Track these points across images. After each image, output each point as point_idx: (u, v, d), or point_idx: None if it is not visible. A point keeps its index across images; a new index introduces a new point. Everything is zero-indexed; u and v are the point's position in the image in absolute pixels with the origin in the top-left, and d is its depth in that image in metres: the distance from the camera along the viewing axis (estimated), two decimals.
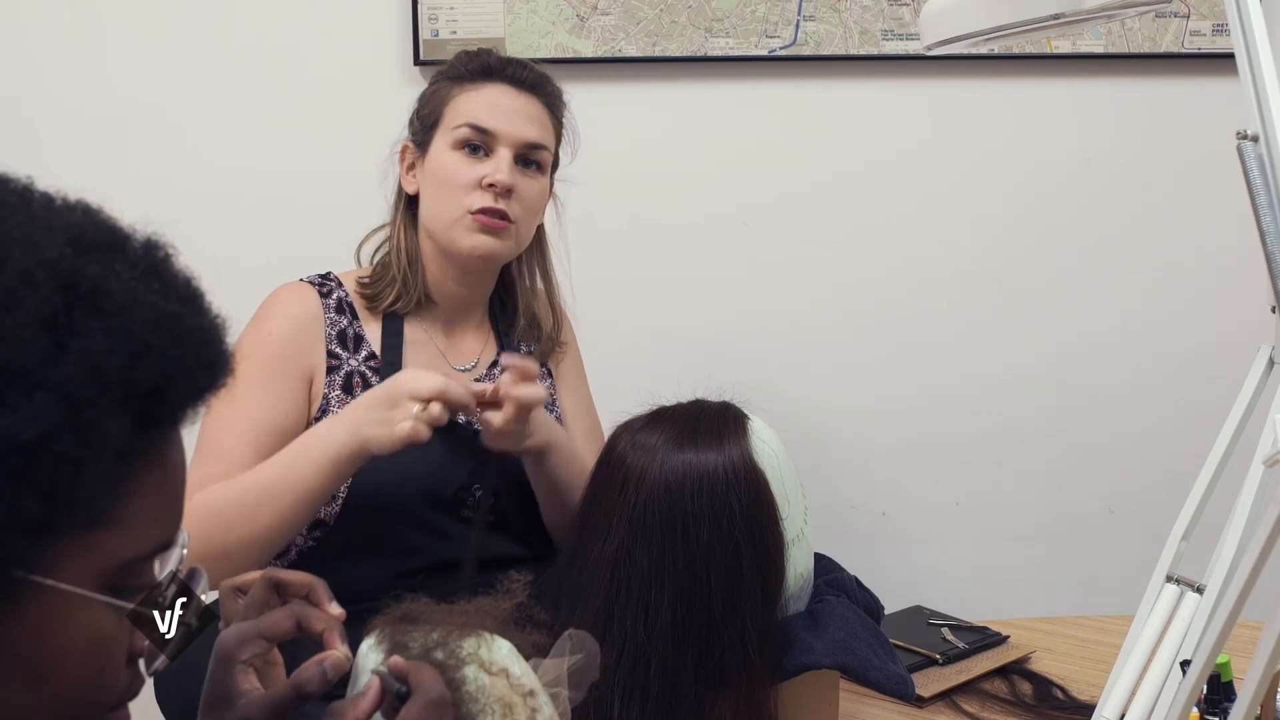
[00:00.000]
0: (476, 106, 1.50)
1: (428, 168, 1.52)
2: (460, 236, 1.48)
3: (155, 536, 0.70)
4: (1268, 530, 0.84)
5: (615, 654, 1.24)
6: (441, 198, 1.49)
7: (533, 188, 1.51)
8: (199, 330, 0.69)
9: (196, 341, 0.68)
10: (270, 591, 0.95)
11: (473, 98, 1.51)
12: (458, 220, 1.47)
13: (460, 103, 1.51)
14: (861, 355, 2.18)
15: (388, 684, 0.86)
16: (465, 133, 1.49)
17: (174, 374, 0.66)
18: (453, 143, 1.49)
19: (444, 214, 1.49)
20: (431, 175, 1.51)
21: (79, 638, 0.67)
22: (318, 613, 0.92)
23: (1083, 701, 1.59)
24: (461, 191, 1.47)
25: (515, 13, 2.04)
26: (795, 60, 2.08)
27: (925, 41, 1.18)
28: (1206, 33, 2.10)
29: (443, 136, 1.50)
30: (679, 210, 2.13)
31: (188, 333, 0.68)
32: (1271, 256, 0.88)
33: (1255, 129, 0.92)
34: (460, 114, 1.50)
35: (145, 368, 0.65)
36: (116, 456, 0.64)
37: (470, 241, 1.48)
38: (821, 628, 1.33)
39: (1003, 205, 2.17)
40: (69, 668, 0.67)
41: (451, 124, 1.50)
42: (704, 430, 1.32)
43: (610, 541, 1.28)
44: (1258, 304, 1.05)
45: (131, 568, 0.69)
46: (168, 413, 0.67)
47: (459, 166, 1.48)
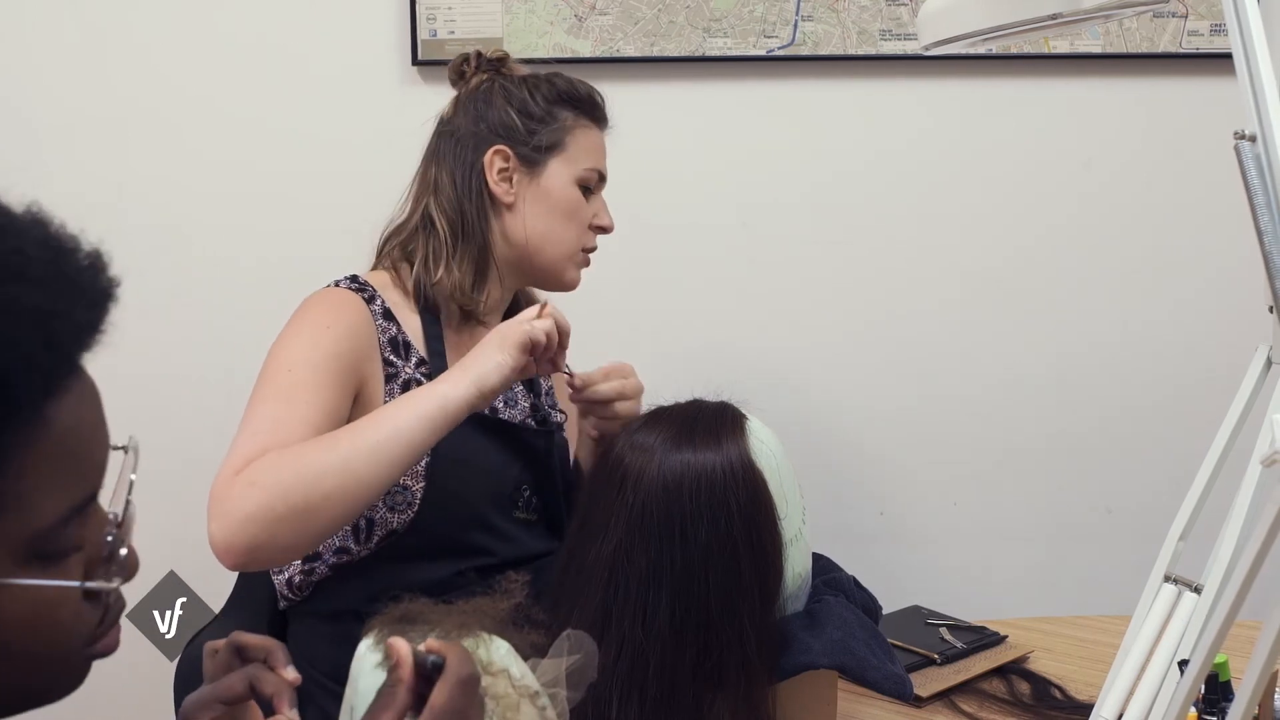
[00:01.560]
0: (599, 152, 1.57)
1: (544, 190, 1.53)
2: (567, 269, 1.55)
3: (63, 502, 0.70)
4: (1265, 530, 0.84)
5: (613, 654, 1.24)
6: (561, 229, 1.53)
7: None
8: (34, 311, 0.67)
9: (32, 322, 0.67)
10: (233, 655, 0.96)
11: (594, 138, 1.56)
12: (570, 252, 1.54)
13: (585, 140, 1.55)
14: (860, 355, 2.18)
15: (420, 657, 0.86)
16: (594, 177, 1.55)
17: (9, 364, 0.65)
18: (578, 179, 1.54)
19: (560, 245, 1.53)
20: (550, 201, 1.53)
21: (15, 616, 0.69)
22: (271, 676, 0.93)
23: (1081, 701, 1.59)
24: (580, 229, 1.54)
25: (513, 13, 2.04)
26: (793, 60, 2.08)
27: (923, 41, 1.18)
28: (1204, 33, 2.10)
29: (565, 167, 1.53)
30: (677, 210, 2.14)
31: (20, 317, 0.66)
32: (1269, 256, 0.88)
33: (1253, 129, 0.92)
34: (588, 154, 1.55)
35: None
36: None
37: (574, 276, 1.57)
38: (820, 627, 1.33)
39: (1001, 205, 2.17)
40: (19, 641, 0.69)
41: (580, 161, 1.54)
42: (702, 430, 1.32)
43: (608, 541, 1.28)
44: (1256, 304, 1.05)
45: (47, 536, 0.69)
46: (21, 395, 0.67)
47: (581, 204, 1.54)
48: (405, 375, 1.48)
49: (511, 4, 2.04)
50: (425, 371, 1.49)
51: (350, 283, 1.51)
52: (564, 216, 1.53)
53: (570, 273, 1.56)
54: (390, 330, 1.48)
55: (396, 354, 1.48)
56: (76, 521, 0.71)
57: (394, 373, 1.47)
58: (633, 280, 2.13)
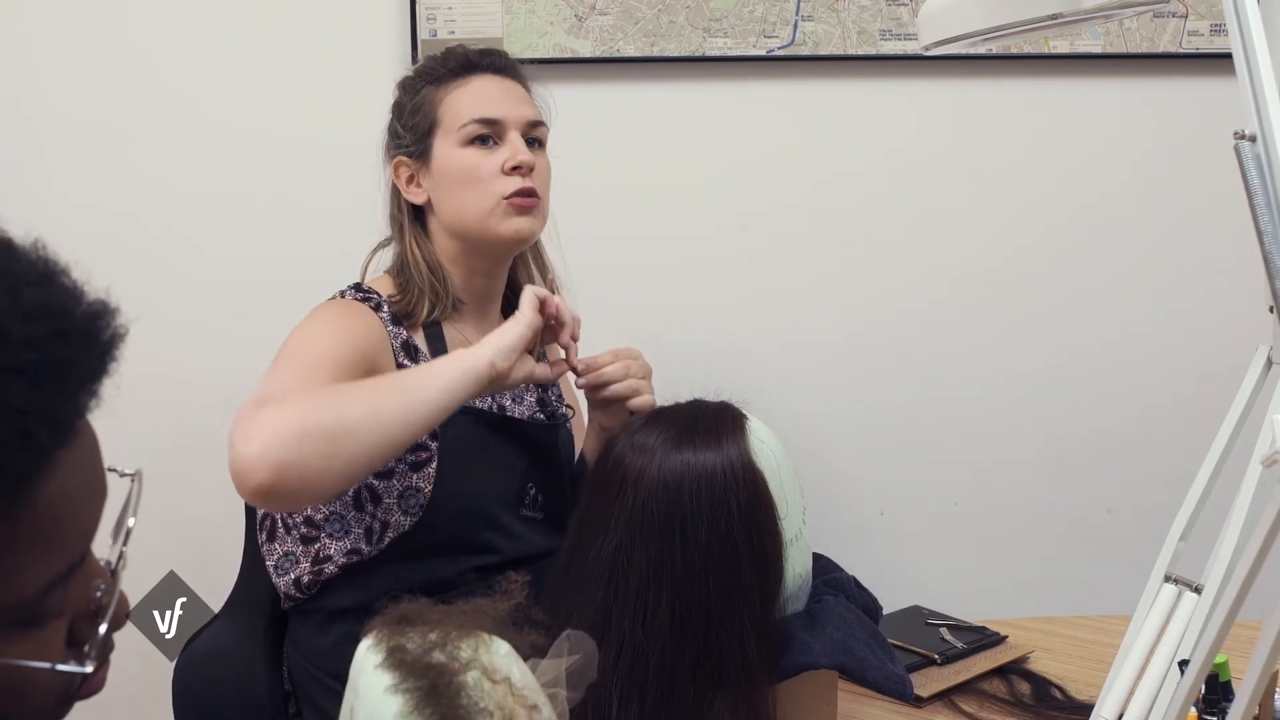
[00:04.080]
0: (475, 101, 1.52)
1: (438, 171, 1.52)
2: (499, 224, 1.50)
3: (41, 578, 0.66)
4: (1265, 530, 0.84)
5: (613, 654, 1.24)
6: (468, 194, 1.50)
7: (543, 163, 1.55)
8: (10, 406, 0.62)
9: (16, 404, 0.62)
10: None
11: (465, 94, 1.52)
12: (492, 210, 1.49)
13: (454, 101, 1.52)
14: (860, 355, 2.18)
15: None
16: (474, 128, 1.50)
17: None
18: (461, 141, 1.51)
19: (475, 208, 1.50)
20: (447, 177, 1.51)
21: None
22: None
23: (1081, 701, 1.59)
24: (488, 183, 1.49)
25: (513, 13, 2.04)
26: (793, 60, 2.08)
27: (923, 42, 1.18)
28: (1204, 33, 2.10)
29: (447, 138, 1.51)
30: (677, 210, 2.13)
31: (6, 395, 0.62)
32: (1269, 256, 0.88)
33: (1253, 129, 0.92)
34: (460, 112, 1.51)
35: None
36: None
37: (511, 226, 1.50)
38: (820, 628, 1.33)
39: (1000, 205, 2.17)
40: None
41: (454, 124, 1.51)
42: (702, 430, 1.32)
43: (608, 542, 1.28)
44: (1256, 304, 1.05)
45: (25, 608, 0.66)
46: (4, 474, 0.62)
47: (477, 160, 1.50)
48: None
49: (511, 4, 2.04)
50: None
51: (355, 292, 1.52)
52: (461, 183, 1.50)
53: (502, 226, 1.50)
54: (401, 335, 1.49)
55: (409, 358, 1.49)
56: (59, 589, 0.68)
57: None
58: (632, 280, 2.13)
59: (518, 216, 1.50)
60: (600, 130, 2.08)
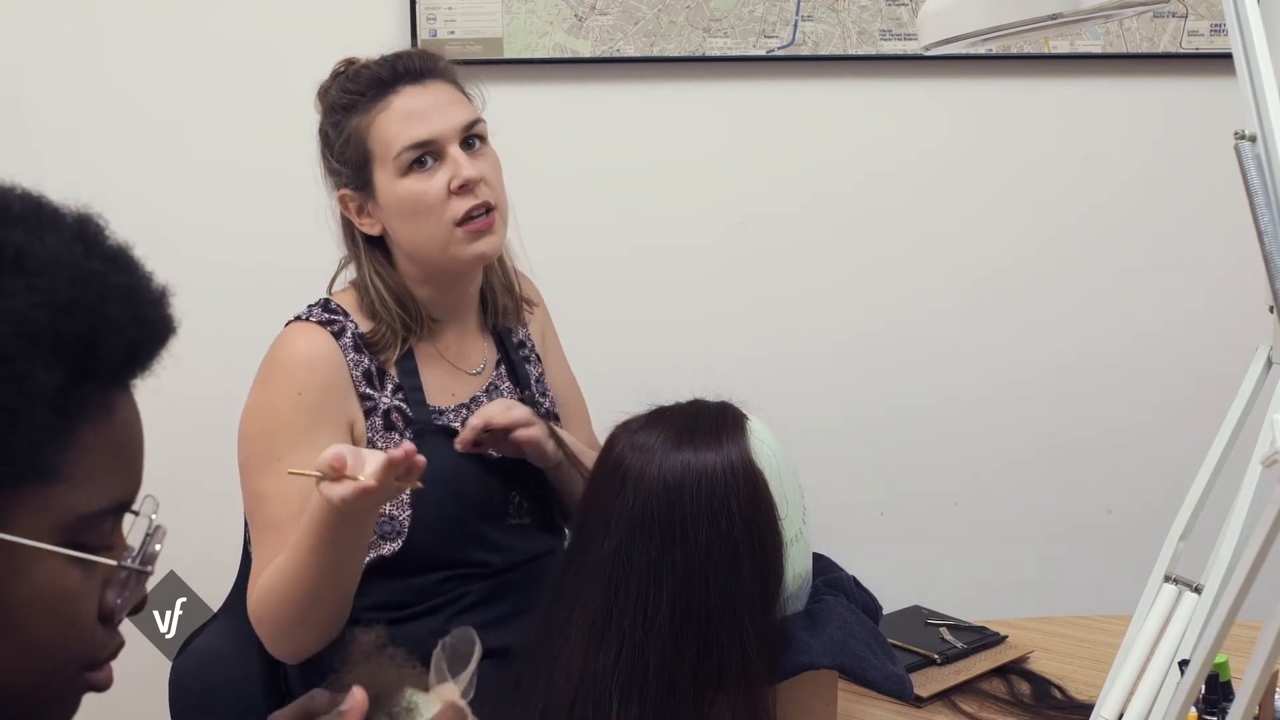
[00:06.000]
0: (401, 125, 1.44)
1: (384, 204, 1.46)
2: (460, 252, 1.46)
3: (110, 494, 0.72)
4: (1265, 530, 0.84)
5: (614, 654, 1.24)
6: (420, 225, 1.45)
7: (488, 162, 1.49)
8: (125, 287, 0.72)
9: (123, 296, 0.71)
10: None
11: (390, 118, 1.44)
12: (448, 239, 1.45)
13: (381, 129, 1.45)
14: (860, 355, 2.18)
15: None
16: (407, 156, 1.43)
17: (101, 327, 0.69)
18: (399, 171, 1.44)
19: (431, 239, 1.45)
20: (396, 209, 1.46)
21: (41, 592, 0.69)
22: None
23: (1081, 701, 1.59)
24: (437, 211, 1.44)
25: (513, 13, 2.04)
26: (793, 60, 2.08)
27: (923, 41, 1.18)
28: (1204, 33, 2.10)
29: (384, 170, 1.45)
30: (677, 210, 2.14)
31: (113, 289, 0.70)
32: (1269, 256, 0.88)
33: (1253, 129, 0.92)
34: (390, 141, 1.44)
35: (71, 321, 0.67)
36: (54, 408, 0.67)
37: (473, 251, 1.46)
38: (820, 628, 1.33)
39: (1000, 205, 2.17)
40: (34, 621, 0.69)
41: (387, 155, 1.44)
42: (702, 430, 1.32)
43: (609, 542, 1.28)
44: (1256, 304, 1.05)
45: (88, 523, 0.71)
46: (103, 366, 0.70)
47: (419, 188, 1.44)
48: (384, 405, 1.47)
49: (511, 4, 2.04)
50: (403, 397, 1.48)
51: (321, 312, 1.49)
52: (412, 215, 1.44)
53: (464, 253, 1.45)
54: (363, 363, 1.47)
55: (372, 386, 1.47)
56: (113, 520, 0.73)
57: (372, 406, 1.47)
58: (633, 279, 2.14)
59: (476, 241, 1.45)
60: (600, 130, 2.08)
